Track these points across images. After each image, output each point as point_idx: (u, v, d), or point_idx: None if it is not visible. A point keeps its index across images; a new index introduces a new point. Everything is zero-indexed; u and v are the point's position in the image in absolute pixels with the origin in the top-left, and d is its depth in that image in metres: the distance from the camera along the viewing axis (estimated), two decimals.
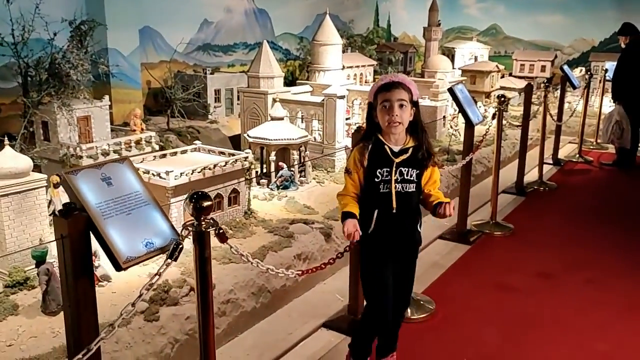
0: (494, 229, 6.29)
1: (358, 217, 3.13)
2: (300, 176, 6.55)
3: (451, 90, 5.57)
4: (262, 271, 4.52)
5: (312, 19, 11.93)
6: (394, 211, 3.16)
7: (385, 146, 3.17)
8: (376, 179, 3.16)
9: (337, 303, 4.70)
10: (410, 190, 3.19)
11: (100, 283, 4.02)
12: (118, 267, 2.21)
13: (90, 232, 2.23)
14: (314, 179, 6.74)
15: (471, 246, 5.91)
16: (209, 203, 2.38)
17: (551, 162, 9.28)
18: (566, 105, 11.31)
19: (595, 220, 6.71)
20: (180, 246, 2.34)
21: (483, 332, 4.29)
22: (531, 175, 8.35)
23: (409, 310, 4.46)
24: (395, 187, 3.16)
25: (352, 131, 4.46)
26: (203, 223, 2.40)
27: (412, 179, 3.19)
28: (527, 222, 6.63)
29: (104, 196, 2.30)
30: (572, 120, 10.55)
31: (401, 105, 3.11)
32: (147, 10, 8.54)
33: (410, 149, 3.20)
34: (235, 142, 8.15)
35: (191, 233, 2.41)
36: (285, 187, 6.25)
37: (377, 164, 3.17)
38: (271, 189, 6.23)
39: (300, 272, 3.23)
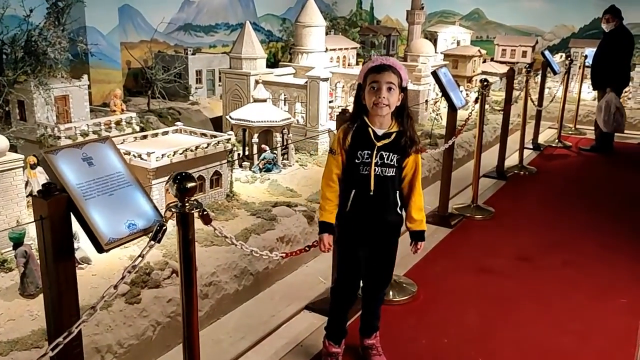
0: (475, 212, 6.35)
1: (333, 221, 3.26)
2: (283, 159, 6.51)
3: (435, 74, 5.57)
4: (245, 254, 4.57)
5: (295, 1, 11.80)
6: (371, 193, 3.21)
7: (369, 128, 3.19)
8: (357, 160, 3.20)
9: (319, 285, 4.73)
10: (389, 174, 3.22)
11: (79, 266, 3.96)
12: (100, 249, 2.17)
13: (71, 214, 2.19)
14: (297, 161, 6.71)
15: (452, 229, 5.96)
16: (192, 184, 2.35)
17: (531, 146, 9.38)
18: (546, 91, 11.44)
19: (573, 205, 6.82)
20: (164, 228, 2.32)
21: (463, 314, 4.35)
22: (512, 160, 8.44)
23: (391, 292, 4.52)
24: (375, 170, 3.18)
25: (336, 114, 4.44)
26: (187, 204, 2.37)
27: (392, 163, 3.21)
28: (507, 206, 6.71)
29: (85, 176, 2.26)
30: (551, 106, 10.65)
31: (389, 89, 3.11)
32: None
33: (394, 134, 3.22)
34: (217, 123, 8.07)
35: (175, 215, 2.38)
36: (268, 170, 6.21)
37: (359, 145, 3.20)
38: (254, 172, 6.19)
39: (284, 255, 3.22)
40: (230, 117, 6.41)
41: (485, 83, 6.03)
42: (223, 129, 7.25)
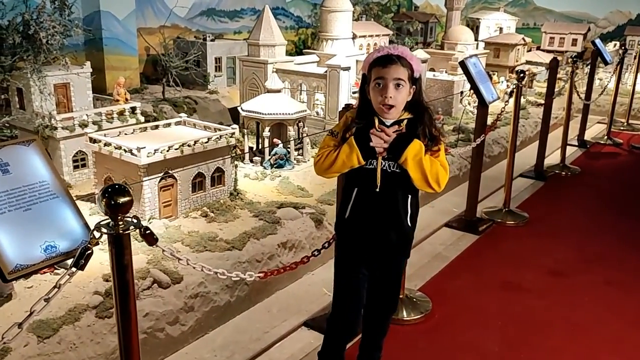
0: (506, 217, 5.75)
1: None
2: (298, 154, 6.06)
3: (463, 64, 4.98)
4: (239, 261, 4.15)
5: None
6: (377, 190, 2.68)
7: (375, 117, 2.67)
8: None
9: (323, 298, 4.26)
10: (399, 170, 2.66)
11: (56, 271, 3.61)
12: (3, 278, 1.77)
13: None
14: (313, 157, 6.23)
15: (480, 236, 5.40)
16: (126, 199, 1.92)
17: (576, 143, 8.61)
18: (597, 83, 10.56)
19: (621, 212, 6.10)
20: (88, 252, 1.89)
21: (483, 338, 3.83)
22: (553, 158, 7.73)
23: (404, 310, 4.03)
24: (382, 163, 2.66)
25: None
26: (121, 223, 1.95)
27: None
28: (544, 211, 6.07)
29: None
30: (602, 99, 9.81)
31: (398, 85, 2.59)
32: None
33: (405, 121, 2.68)
34: (236, 114, 7.65)
35: (105, 235, 1.96)
36: (280, 166, 5.77)
37: (364, 135, 2.65)
38: (264, 168, 5.76)
39: (261, 275, 2.76)
40: (241, 108, 5.98)
41: (522, 74, 5.38)
42: (240, 120, 6.84)
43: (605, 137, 9.01)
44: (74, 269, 1.88)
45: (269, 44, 6.97)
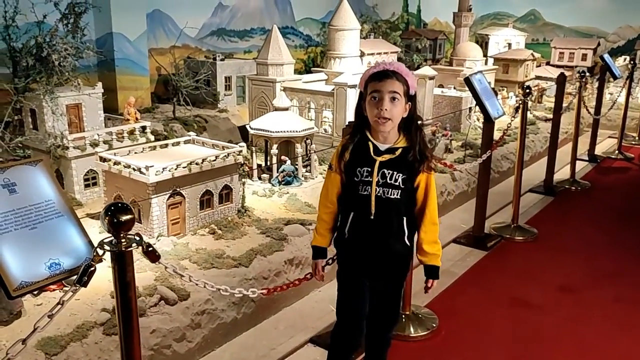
0: (515, 233, 5.72)
1: (328, 244, 3.00)
2: (306, 171, 6.10)
3: (468, 81, 5.01)
4: (246, 278, 4.18)
5: (336, 3, 11.37)
6: (372, 217, 2.74)
7: (370, 142, 2.73)
8: (355, 178, 2.77)
9: (330, 315, 4.25)
10: (393, 196, 2.73)
11: (64, 288, 3.66)
12: (8, 295, 1.82)
13: None
14: (321, 174, 6.27)
15: (488, 252, 5.38)
16: (128, 217, 1.97)
17: (587, 158, 8.57)
18: (608, 97, 10.52)
19: (632, 227, 6.04)
20: (92, 269, 1.94)
21: (490, 354, 3.81)
22: (564, 173, 7.70)
23: (410, 327, 4.03)
24: (376, 190, 2.71)
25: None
26: (123, 241, 1.99)
27: (396, 183, 2.73)
28: (554, 226, 6.04)
29: (1, 207, 1.91)
30: (613, 113, 9.77)
31: (393, 99, 2.65)
32: None
33: (400, 150, 2.74)
34: (245, 132, 7.73)
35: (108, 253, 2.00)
36: (288, 183, 5.81)
37: (358, 161, 2.76)
38: (272, 185, 5.81)
39: (264, 291, 2.79)
40: (250, 126, 6.06)
41: (528, 90, 5.40)
42: (249, 138, 6.91)
43: (616, 151, 8.96)
44: (77, 286, 1.92)
45: (277, 62, 7.06)
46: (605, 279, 4.86)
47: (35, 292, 3.45)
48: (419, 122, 2.82)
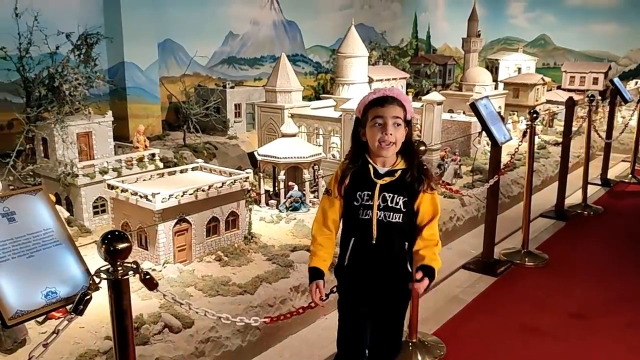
0: (525, 258, 5.65)
1: (326, 269, 2.84)
2: (313, 197, 6.11)
3: (474, 106, 5.02)
4: (251, 305, 4.16)
5: (345, 31, 11.54)
6: (373, 242, 2.71)
7: (370, 165, 2.72)
8: (355, 203, 2.74)
9: (335, 343, 4.21)
10: (394, 220, 2.70)
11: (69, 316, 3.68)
12: (4, 324, 1.83)
13: None
14: None
15: (498, 278, 5.31)
16: (124, 245, 1.98)
17: (599, 182, 8.48)
18: (620, 120, 10.45)
19: None
20: (87, 297, 1.95)
21: None
22: (575, 197, 7.61)
23: (418, 355, 3.96)
24: (377, 214, 2.69)
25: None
26: (120, 269, 2.00)
27: (397, 207, 2.70)
28: (565, 252, 5.95)
29: (0, 235, 1.94)
30: (626, 137, 9.68)
31: (396, 124, 2.66)
32: (168, 23, 8.36)
33: (399, 172, 2.73)
34: (254, 158, 7.79)
35: (105, 281, 2.01)
36: (295, 209, 5.82)
37: (358, 185, 2.74)
38: (280, 211, 5.82)
39: (267, 320, 2.77)
40: (257, 153, 6.11)
41: (535, 115, 5.39)
42: (257, 165, 6.96)
43: (629, 175, 8.85)
44: (72, 315, 1.93)
45: (285, 89, 7.15)
46: (617, 304, 4.76)
47: (39, 320, 3.47)
48: (416, 144, 2.84)
